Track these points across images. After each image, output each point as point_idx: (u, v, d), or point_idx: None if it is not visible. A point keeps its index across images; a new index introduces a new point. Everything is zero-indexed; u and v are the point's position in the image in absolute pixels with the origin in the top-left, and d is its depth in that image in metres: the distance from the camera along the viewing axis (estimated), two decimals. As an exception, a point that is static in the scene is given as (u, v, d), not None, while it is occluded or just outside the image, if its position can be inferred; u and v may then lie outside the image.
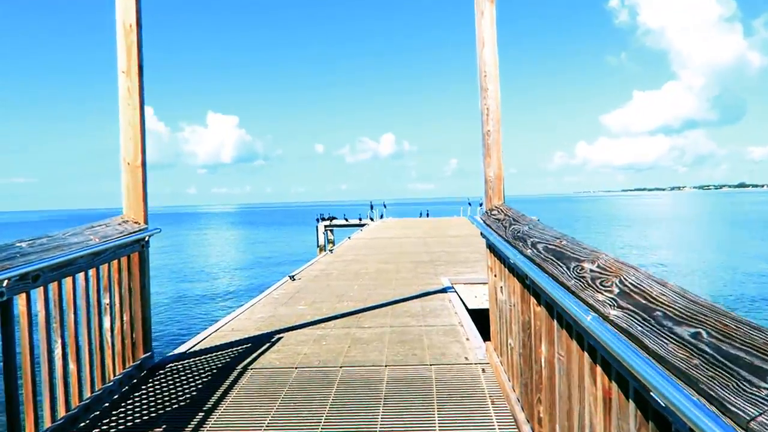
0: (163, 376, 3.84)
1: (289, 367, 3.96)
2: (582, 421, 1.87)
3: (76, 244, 3.12)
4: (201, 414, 3.17)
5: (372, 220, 32.48)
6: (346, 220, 31.79)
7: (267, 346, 4.57)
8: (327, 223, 30.86)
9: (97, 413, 3.21)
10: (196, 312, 15.32)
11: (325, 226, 30.46)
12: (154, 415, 3.19)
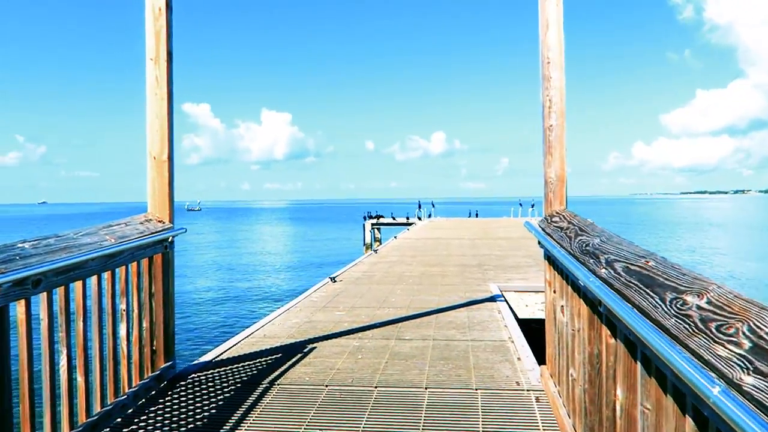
0: (183, 388, 3.55)
1: (319, 385, 3.59)
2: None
3: (87, 246, 2.84)
4: (217, 438, 2.84)
5: (420, 219, 32.01)
6: (394, 218, 31.44)
7: (298, 357, 4.22)
8: (374, 221, 30.60)
9: (105, 431, 2.93)
10: (234, 313, 14.69)
11: (372, 225, 30.21)
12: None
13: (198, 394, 3.45)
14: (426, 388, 3.52)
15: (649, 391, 1.67)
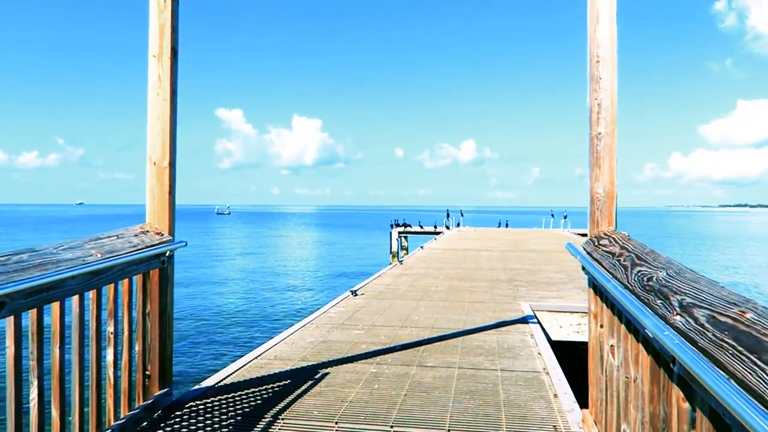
0: (178, 419, 3.19)
1: (327, 422, 3.19)
2: None
3: (66, 262, 2.51)
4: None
5: (448, 228, 31.44)
6: (421, 227, 30.93)
7: (308, 385, 3.83)
8: (401, 229, 30.15)
9: (83, 472, 2.58)
10: (249, 329, 13.21)
11: (399, 233, 29.75)
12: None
13: (193, 426, 3.09)
14: (449, 431, 3.08)
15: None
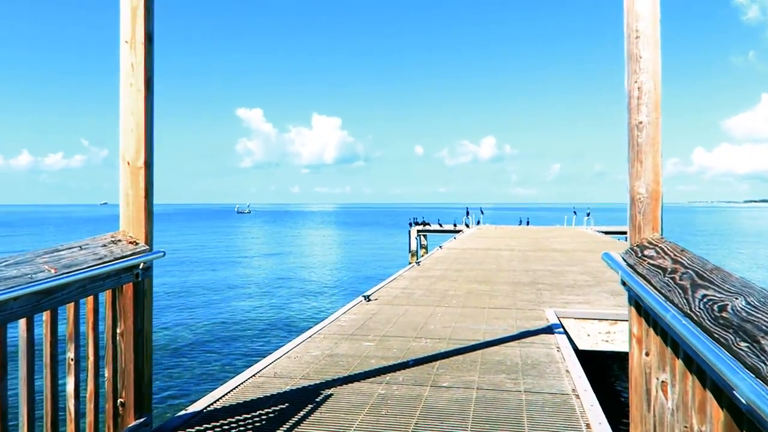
0: (154, 455, 2.80)
1: (324, 459, 2.77)
2: None
3: (8, 280, 2.13)
4: None
5: (467, 226, 30.87)
6: (440, 225, 30.41)
7: (308, 409, 3.42)
8: (420, 227, 29.66)
9: None
10: (250, 342, 11.41)
11: (418, 231, 29.27)
12: None
13: (169, 466, 2.70)
14: (464, 472, 2.64)
15: None
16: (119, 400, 2.85)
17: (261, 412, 3.39)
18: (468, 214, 33.28)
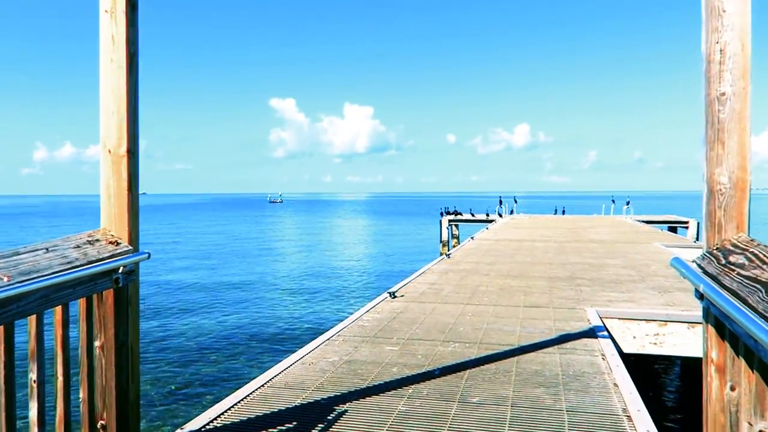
0: (137, 487, 2.44)
1: (330, 499, 2.36)
2: None
3: (-57, 293, 1.77)
4: None
5: (500, 216, 30.12)
6: (472, 215, 29.74)
7: (318, 429, 3.02)
8: (451, 217, 29.06)
9: None
10: (267, 344, 10.67)
11: (450, 221, 28.68)
12: None
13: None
14: None
15: None
16: (100, 422, 2.50)
17: (265, 431, 3.00)
18: (501, 203, 32.49)
